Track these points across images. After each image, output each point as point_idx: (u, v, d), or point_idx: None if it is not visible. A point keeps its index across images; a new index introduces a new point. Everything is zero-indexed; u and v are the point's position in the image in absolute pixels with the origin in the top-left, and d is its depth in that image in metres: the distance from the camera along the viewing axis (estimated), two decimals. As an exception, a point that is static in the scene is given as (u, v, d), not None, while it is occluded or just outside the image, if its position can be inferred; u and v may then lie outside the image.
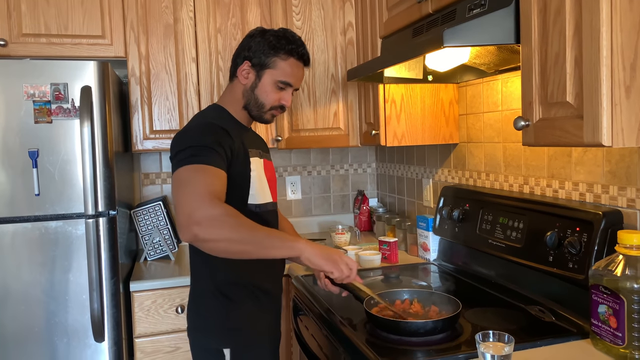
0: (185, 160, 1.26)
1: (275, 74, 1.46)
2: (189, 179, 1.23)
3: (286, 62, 1.46)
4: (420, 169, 2.44)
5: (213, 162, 1.27)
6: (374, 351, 1.22)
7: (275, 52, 1.45)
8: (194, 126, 1.38)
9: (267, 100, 1.47)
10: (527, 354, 1.19)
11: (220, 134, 1.35)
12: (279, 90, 1.47)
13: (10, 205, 1.83)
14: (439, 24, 1.49)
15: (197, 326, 1.45)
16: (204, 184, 1.22)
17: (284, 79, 1.46)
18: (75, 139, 1.87)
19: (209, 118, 1.43)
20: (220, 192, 1.25)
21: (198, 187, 1.21)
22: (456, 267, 1.95)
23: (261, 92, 1.46)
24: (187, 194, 1.20)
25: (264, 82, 1.46)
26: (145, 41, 2.27)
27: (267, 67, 1.45)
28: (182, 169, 1.26)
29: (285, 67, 1.46)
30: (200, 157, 1.27)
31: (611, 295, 1.14)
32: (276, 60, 1.45)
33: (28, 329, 1.86)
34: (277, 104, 1.48)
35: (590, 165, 1.45)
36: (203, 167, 1.25)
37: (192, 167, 1.25)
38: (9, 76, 1.81)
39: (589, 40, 0.98)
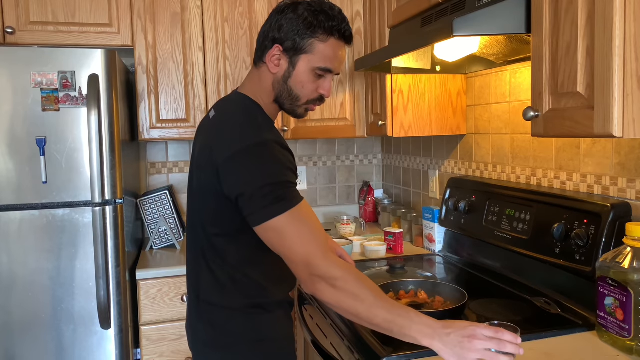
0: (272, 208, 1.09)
1: (312, 60, 1.21)
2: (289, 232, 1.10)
3: (326, 43, 1.20)
4: (426, 160, 2.43)
5: (297, 197, 1.13)
6: (379, 340, 1.22)
7: (312, 32, 1.19)
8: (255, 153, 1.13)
9: (303, 92, 1.24)
10: (532, 345, 1.19)
11: (286, 156, 1.17)
12: (317, 78, 1.23)
13: (18, 192, 1.84)
14: (448, 14, 1.48)
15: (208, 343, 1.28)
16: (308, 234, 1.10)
17: (323, 65, 1.21)
18: (82, 127, 1.87)
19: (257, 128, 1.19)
20: (323, 233, 1.14)
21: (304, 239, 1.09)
22: (462, 259, 1.94)
23: (296, 82, 1.22)
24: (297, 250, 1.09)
25: (300, 71, 1.22)
26: (153, 30, 2.27)
27: (303, 51, 1.20)
28: (275, 222, 1.09)
29: (325, 50, 1.20)
30: (287, 199, 1.10)
31: (618, 288, 1.14)
32: (314, 42, 1.19)
33: (35, 315, 1.88)
34: (315, 96, 1.25)
35: (599, 157, 1.44)
36: (296, 213, 1.10)
37: (286, 216, 1.09)
38: (17, 64, 1.81)
39: (601, 30, 0.97)
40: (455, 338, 0.99)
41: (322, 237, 1.12)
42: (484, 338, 0.97)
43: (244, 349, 1.25)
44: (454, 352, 0.98)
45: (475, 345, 0.97)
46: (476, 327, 0.99)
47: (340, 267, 1.08)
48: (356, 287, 1.06)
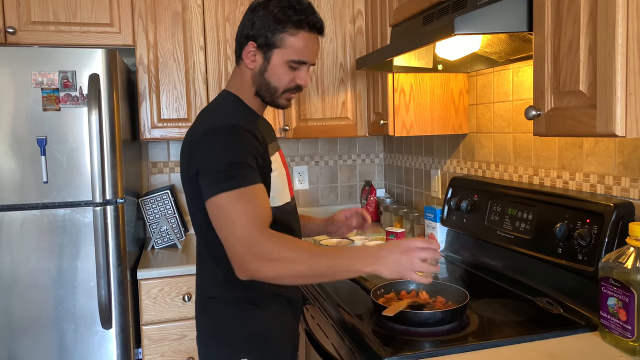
0: (222, 184, 1.14)
1: (285, 54, 1.26)
2: (232, 210, 1.13)
3: (296, 37, 1.25)
4: (428, 159, 2.42)
5: (251, 179, 1.16)
6: (380, 341, 1.22)
7: (282, 26, 1.25)
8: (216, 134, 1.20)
9: (279, 83, 1.29)
10: (534, 346, 1.18)
11: (251, 141, 1.21)
12: (292, 70, 1.28)
13: (19, 192, 1.84)
14: (449, 12, 1.47)
15: (210, 335, 1.32)
16: (249, 214, 1.13)
17: (296, 57, 1.27)
18: (83, 126, 1.87)
19: (229, 117, 1.26)
20: (267, 215, 1.17)
21: (244, 219, 1.12)
22: (464, 258, 1.94)
23: (272, 75, 1.28)
24: (235, 229, 1.12)
25: (274, 64, 1.27)
26: (154, 29, 2.26)
27: (275, 46, 1.26)
28: (221, 197, 1.13)
29: (296, 43, 1.26)
30: (238, 178, 1.14)
31: (621, 288, 1.13)
32: (284, 36, 1.25)
33: (36, 315, 1.88)
34: (292, 85, 1.30)
35: (602, 157, 1.43)
36: (243, 192, 1.14)
37: (232, 194, 1.13)
38: (18, 64, 1.81)
39: (604, 28, 0.96)
40: (394, 258, 1.10)
41: (264, 216, 1.15)
42: (418, 249, 1.10)
43: (239, 342, 1.28)
44: (395, 271, 1.10)
45: (411, 257, 1.10)
46: (408, 240, 1.12)
47: (273, 240, 1.12)
48: (292, 251, 1.11)
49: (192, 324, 2.07)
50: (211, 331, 1.31)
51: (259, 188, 1.17)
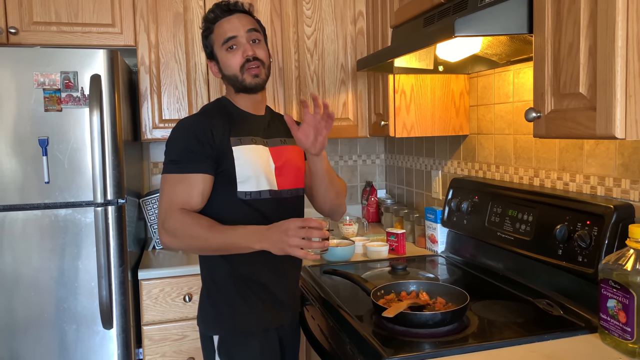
0: (166, 166, 1.40)
1: (217, 45, 1.46)
2: (164, 189, 1.38)
3: (216, 29, 1.46)
4: (429, 160, 2.42)
5: (189, 167, 1.37)
6: (380, 342, 1.22)
7: (208, 32, 1.48)
8: (185, 122, 1.44)
9: (231, 68, 1.45)
10: (534, 348, 1.18)
11: (200, 131, 1.39)
12: (232, 50, 1.44)
13: (21, 192, 1.85)
14: (450, 14, 1.47)
15: (199, 314, 1.52)
16: (174, 196, 1.36)
17: (223, 38, 1.44)
18: (85, 127, 1.88)
19: (203, 111, 1.50)
20: (191, 200, 1.37)
21: (169, 199, 1.36)
22: (464, 260, 1.94)
23: (224, 67, 1.46)
24: (161, 206, 1.37)
25: (220, 59, 1.47)
26: (155, 30, 2.27)
27: (212, 47, 1.48)
28: (163, 178, 1.40)
29: (218, 32, 1.46)
30: (180, 164, 1.37)
31: (621, 290, 1.13)
32: (211, 37, 1.48)
33: (38, 315, 1.88)
34: (242, 61, 1.44)
35: (603, 158, 1.43)
36: (177, 178, 1.37)
37: (170, 177, 1.38)
38: (20, 64, 1.82)
39: (604, 30, 0.96)
40: (277, 236, 1.24)
41: (185, 201, 1.36)
42: (296, 228, 1.23)
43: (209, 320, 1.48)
44: (279, 248, 1.24)
45: (290, 235, 1.22)
46: (289, 221, 1.25)
47: (181, 218, 1.33)
48: (192, 230, 1.32)
49: (193, 324, 2.08)
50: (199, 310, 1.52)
51: (193, 177, 1.37)
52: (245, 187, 1.42)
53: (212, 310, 1.47)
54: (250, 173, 1.42)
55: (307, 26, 2.38)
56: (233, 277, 1.45)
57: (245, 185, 1.42)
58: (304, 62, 2.39)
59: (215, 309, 1.46)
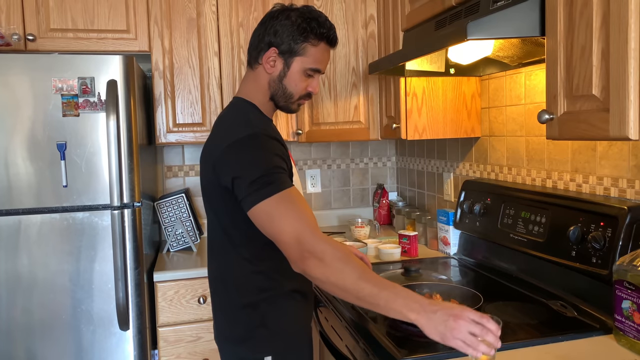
0: (262, 191, 1.16)
1: (305, 62, 1.32)
2: (278, 213, 1.15)
3: (317, 47, 1.32)
4: (441, 162, 2.43)
5: (287, 182, 1.19)
6: (395, 343, 1.23)
7: (305, 37, 1.30)
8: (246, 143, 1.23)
9: (295, 90, 1.35)
10: (548, 349, 1.18)
11: (277, 145, 1.25)
12: (307, 78, 1.35)
13: (39, 196, 1.89)
14: (462, 17, 1.48)
15: (235, 337, 1.35)
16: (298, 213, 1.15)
17: (314, 66, 1.33)
18: (101, 131, 1.91)
19: (252, 125, 1.28)
20: (312, 214, 1.18)
21: (294, 218, 1.14)
22: (477, 262, 1.94)
23: (290, 81, 1.33)
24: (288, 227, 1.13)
25: (293, 71, 1.33)
26: (169, 35, 2.30)
27: (297, 54, 1.32)
28: (265, 204, 1.16)
29: (316, 53, 1.33)
30: (275, 183, 1.17)
31: (635, 291, 1.13)
32: (307, 46, 1.31)
33: (55, 316, 1.91)
34: (305, 93, 1.37)
35: (616, 160, 1.43)
36: (285, 195, 1.16)
37: (275, 199, 1.15)
38: (38, 70, 1.86)
39: (616, 32, 0.97)
40: (441, 316, 1.00)
41: (311, 217, 1.16)
42: (469, 320, 0.98)
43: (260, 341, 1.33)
44: (437, 330, 0.99)
45: (460, 325, 0.97)
46: (463, 308, 1.01)
47: (329, 243, 1.12)
48: (344, 261, 1.09)
49: (207, 326, 2.10)
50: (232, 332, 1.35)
51: (294, 190, 1.20)
52: None
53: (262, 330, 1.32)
54: (299, 187, 1.36)
55: (318, 30, 2.40)
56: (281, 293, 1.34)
57: None
58: (316, 66, 2.40)
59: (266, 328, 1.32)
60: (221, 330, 1.40)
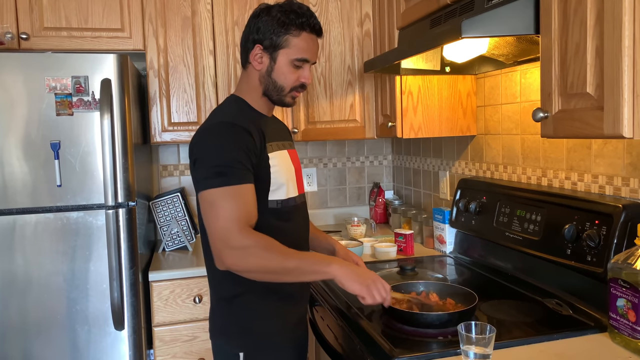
0: (212, 180, 1.23)
1: (290, 53, 1.34)
2: (218, 205, 1.21)
3: (299, 37, 1.34)
4: (436, 161, 2.42)
5: (240, 178, 1.24)
6: (390, 342, 1.23)
7: (286, 29, 1.33)
8: (215, 130, 1.30)
9: (286, 82, 1.36)
10: (544, 347, 1.18)
11: (241, 136, 1.28)
12: (296, 69, 1.36)
13: (33, 196, 1.88)
14: (457, 15, 1.48)
15: (215, 330, 1.42)
16: (233, 212, 1.21)
17: (300, 56, 1.35)
18: (96, 131, 1.90)
19: (228, 115, 1.34)
20: (250, 215, 1.24)
21: (227, 216, 1.20)
22: (473, 260, 1.94)
23: (278, 75, 1.36)
24: (218, 223, 1.21)
25: (280, 64, 1.35)
26: (164, 34, 2.29)
27: (280, 47, 1.34)
28: (209, 193, 1.22)
29: (299, 43, 1.35)
30: (226, 176, 1.22)
31: (630, 289, 1.13)
32: (288, 38, 1.34)
33: (50, 316, 1.90)
34: (297, 84, 1.38)
35: (611, 158, 1.43)
36: (230, 191, 1.22)
37: (220, 191, 1.22)
38: (31, 69, 1.85)
39: (610, 30, 0.97)
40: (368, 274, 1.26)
41: (247, 214, 1.23)
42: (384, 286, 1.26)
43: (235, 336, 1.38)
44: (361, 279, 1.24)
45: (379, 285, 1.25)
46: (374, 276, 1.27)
47: (252, 237, 1.21)
48: (267, 249, 1.21)
49: (203, 326, 2.09)
50: (217, 326, 1.42)
51: (246, 188, 1.25)
52: (276, 195, 1.35)
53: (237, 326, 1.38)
54: (283, 181, 1.36)
55: (314, 29, 2.39)
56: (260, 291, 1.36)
57: (277, 194, 1.35)
58: (311, 65, 2.40)
59: (243, 322, 1.37)
60: (209, 321, 1.47)
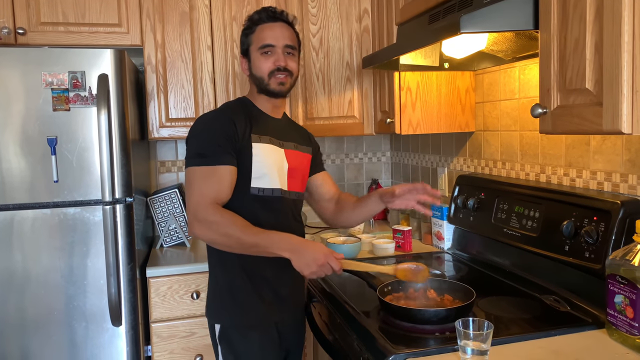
0: (193, 159, 1.42)
1: (255, 47, 1.52)
2: (195, 182, 1.40)
3: (258, 30, 1.52)
4: (435, 157, 2.42)
5: (217, 159, 1.41)
6: (387, 338, 1.22)
7: (249, 31, 1.54)
8: (208, 116, 1.51)
9: (261, 71, 1.51)
10: (541, 343, 1.18)
11: (226, 123, 1.45)
12: (266, 56, 1.51)
13: (30, 191, 1.87)
14: (456, 10, 1.47)
15: (207, 302, 1.59)
16: (206, 189, 1.38)
17: (262, 43, 1.50)
18: (93, 126, 1.89)
19: (223, 107, 1.57)
20: (222, 194, 1.41)
21: (201, 192, 1.38)
22: (471, 256, 1.94)
23: (255, 68, 1.53)
24: (192, 198, 1.39)
25: (253, 59, 1.53)
26: (162, 29, 2.28)
27: (249, 45, 1.54)
28: (190, 170, 1.42)
29: (259, 34, 1.52)
30: (206, 157, 1.41)
31: (628, 285, 1.13)
32: (251, 36, 1.53)
33: (47, 312, 1.90)
34: (273, 68, 1.50)
35: (609, 154, 1.43)
36: (207, 171, 1.40)
37: (198, 170, 1.41)
38: (28, 64, 1.84)
39: (610, 25, 0.96)
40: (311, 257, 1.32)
41: (216, 193, 1.39)
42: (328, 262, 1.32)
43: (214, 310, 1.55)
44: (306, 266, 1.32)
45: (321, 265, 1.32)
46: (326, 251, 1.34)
47: (220, 213, 1.36)
48: (226, 227, 1.35)
49: (201, 322, 2.09)
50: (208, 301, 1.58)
51: (222, 169, 1.41)
52: (258, 183, 1.48)
53: (216, 301, 1.53)
54: (266, 170, 1.49)
55: (312, 24, 2.39)
56: (237, 270, 1.50)
57: (259, 182, 1.48)
58: (310, 60, 2.39)
59: (219, 300, 1.53)
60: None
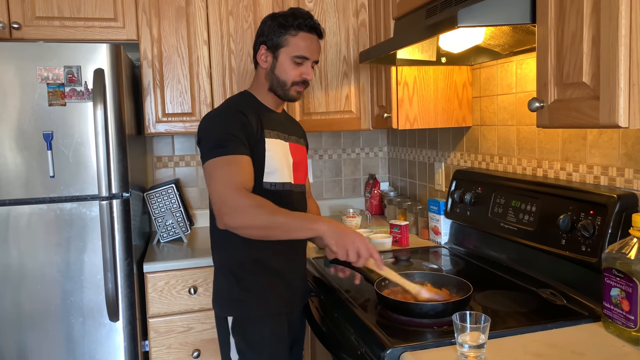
0: (211, 152, 1.40)
1: (289, 51, 1.52)
2: (215, 171, 1.38)
3: (297, 37, 1.52)
4: (432, 152, 2.42)
5: (235, 149, 1.40)
6: (385, 332, 1.23)
7: (285, 30, 1.51)
8: (216, 112, 1.51)
9: (287, 77, 1.53)
10: (538, 337, 1.19)
11: (238, 117, 1.46)
12: (297, 65, 1.53)
13: (26, 187, 1.86)
14: (453, 4, 1.47)
15: (214, 297, 1.59)
16: (229, 176, 1.36)
17: (298, 53, 1.52)
18: (89, 121, 1.89)
19: (231, 102, 1.56)
20: (246, 180, 1.39)
21: (224, 180, 1.36)
22: (467, 251, 1.94)
23: (280, 71, 1.53)
24: (216, 187, 1.36)
25: (281, 61, 1.53)
26: (157, 24, 2.27)
27: (281, 46, 1.52)
28: (210, 163, 1.40)
29: (298, 42, 1.52)
30: (224, 147, 1.39)
31: (624, 279, 1.14)
32: (287, 37, 1.52)
33: (44, 308, 1.90)
34: (299, 79, 1.54)
35: (606, 148, 1.43)
36: (227, 159, 1.38)
37: (218, 160, 1.39)
38: (23, 59, 1.82)
39: (607, 19, 0.96)
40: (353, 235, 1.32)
41: (241, 178, 1.37)
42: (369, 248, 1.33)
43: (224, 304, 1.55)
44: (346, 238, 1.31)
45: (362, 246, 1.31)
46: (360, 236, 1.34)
47: (246, 197, 1.34)
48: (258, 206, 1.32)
49: (198, 317, 2.09)
50: (215, 293, 1.59)
51: (242, 158, 1.40)
52: (270, 177, 1.51)
53: (227, 293, 1.54)
54: (277, 165, 1.52)
55: (309, 19, 2.38)
56: (247, 262, 1.52)
57: (271, 176, 1.51)
58: (307, 55, 2.38)
59: (230, 292, 1.53)
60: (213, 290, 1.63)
